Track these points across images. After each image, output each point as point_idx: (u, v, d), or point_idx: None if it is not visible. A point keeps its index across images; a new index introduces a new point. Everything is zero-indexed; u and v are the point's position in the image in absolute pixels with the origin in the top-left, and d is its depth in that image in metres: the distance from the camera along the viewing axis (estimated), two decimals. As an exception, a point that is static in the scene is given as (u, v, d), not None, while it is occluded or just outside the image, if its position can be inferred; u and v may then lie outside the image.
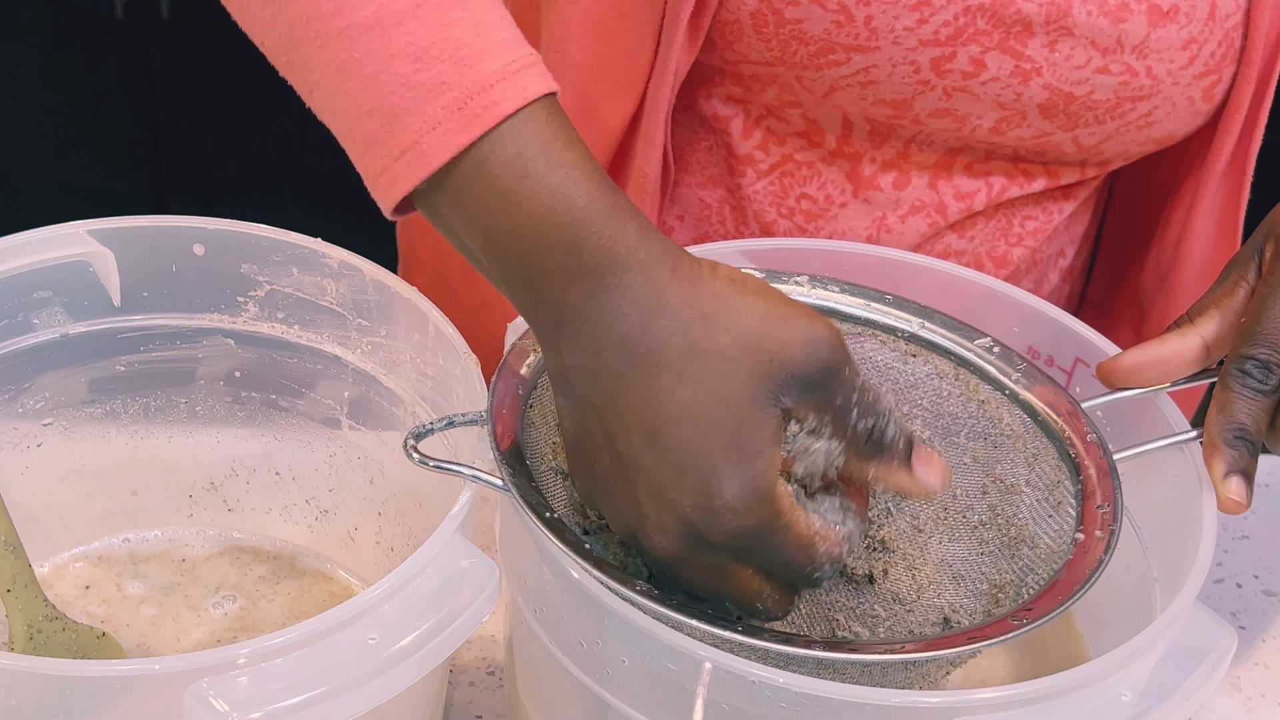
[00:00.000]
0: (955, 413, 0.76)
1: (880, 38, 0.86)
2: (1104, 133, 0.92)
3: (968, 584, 0.73)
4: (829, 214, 0.96)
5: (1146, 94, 0.90)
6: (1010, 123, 0.90)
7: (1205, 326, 0.74)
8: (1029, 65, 0.87)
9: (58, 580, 0.83)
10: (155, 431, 0.85)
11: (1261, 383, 0.70)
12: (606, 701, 0.65)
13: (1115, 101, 0.90)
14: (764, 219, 0.96)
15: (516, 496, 0.64)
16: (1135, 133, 0.92)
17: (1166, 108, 0.91)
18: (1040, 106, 0.89)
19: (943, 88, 0.88)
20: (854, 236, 0.96)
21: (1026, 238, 0.98)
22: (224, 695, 0.58)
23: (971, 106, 0.89)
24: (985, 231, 0.97)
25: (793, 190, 0.95)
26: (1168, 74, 0.89)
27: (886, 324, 0.77)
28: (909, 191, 0.95)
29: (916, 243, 0.96)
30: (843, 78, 0.88)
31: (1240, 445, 0.70)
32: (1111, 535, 0.67)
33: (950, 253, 0.97)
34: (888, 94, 0.89)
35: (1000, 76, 0.88)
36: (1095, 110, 0.90)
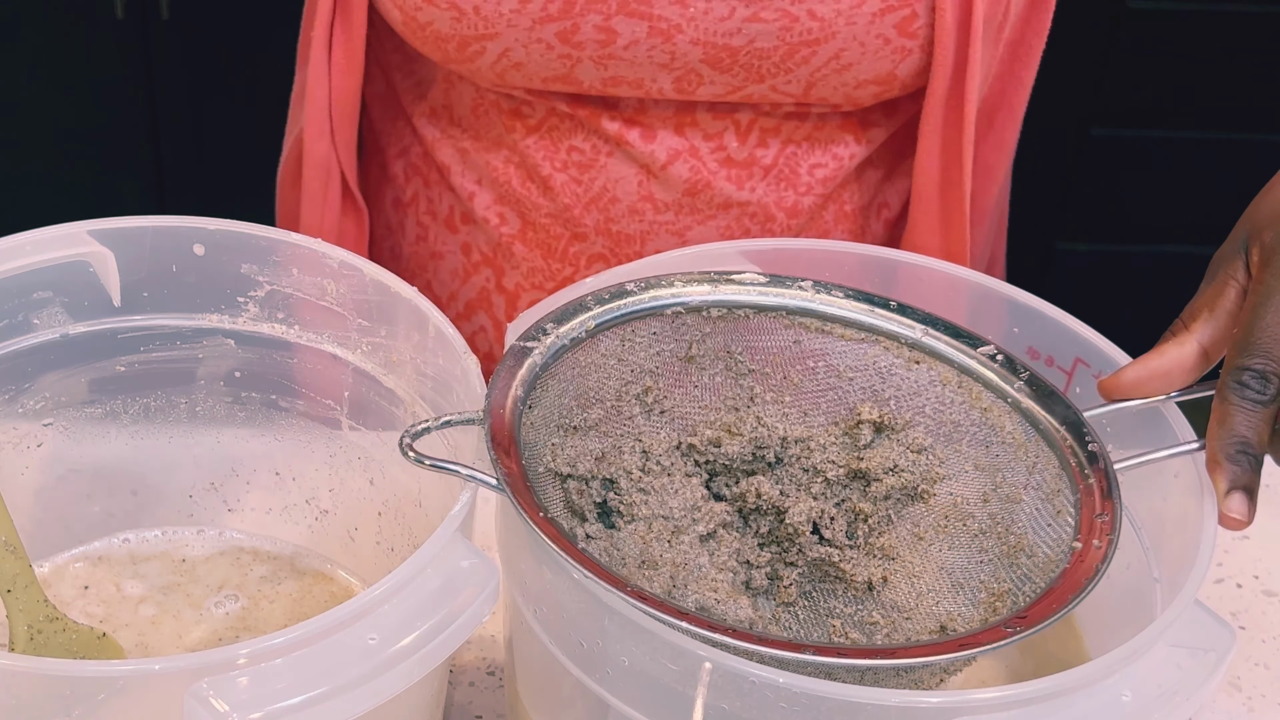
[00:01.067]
0: (957, 420, 0.76)
1: (494, 24, 0.90)
2: (800, 79, 0.92)
3: (966, 592, 0.73)
4: (598, 164, 0.99)
5: (819, 36, 0.90)
6: (689, 81, 0.92)
7: (1200, 331, 0.74)
8: (665, 25, 0.89)
9: (57, 580, 0.83)
10: (155, 431, 0.85)
11: (1260, 393, 0.70)
12: (606, 701, 0.65)
13: (787, 48, 0.90)
14: (540, 173, 1.00)
15: (511, 496, 0.64)
16: (836, 76, 0.92)
17: (855, 48, 0.91)
18: (705, 62, 0.90)
19: (589, 58, 0.91)
20: (626, 185, 0.99)
21: (816, 185, 0.99)
22: (224, 695, 0.58)
23: (636, 71, 0.91)
24: (767, 183, 0.98)
25: (562, 142, 0.99)
26: (837, 14, 0.89)
27: (890, 330, 0.77)
28: (659, 143, 0.97)
29: (685, 190, 0.98)
30: (494, 65, 0.92)
31: (1243, 460, 0.70)
32: (1109, 545, 0.67)
33: (733, 204, 0.98)
34: (544, 71, 0.92)
35: (639, 39, 0.89)
36: (770, 59, 0.90)
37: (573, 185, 0.99)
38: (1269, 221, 0.73)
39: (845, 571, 0.73)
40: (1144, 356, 0.75)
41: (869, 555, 0.75)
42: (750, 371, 0.77)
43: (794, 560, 0.74)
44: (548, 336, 0.71)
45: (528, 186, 1.01)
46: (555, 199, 1.01)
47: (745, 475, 0.76)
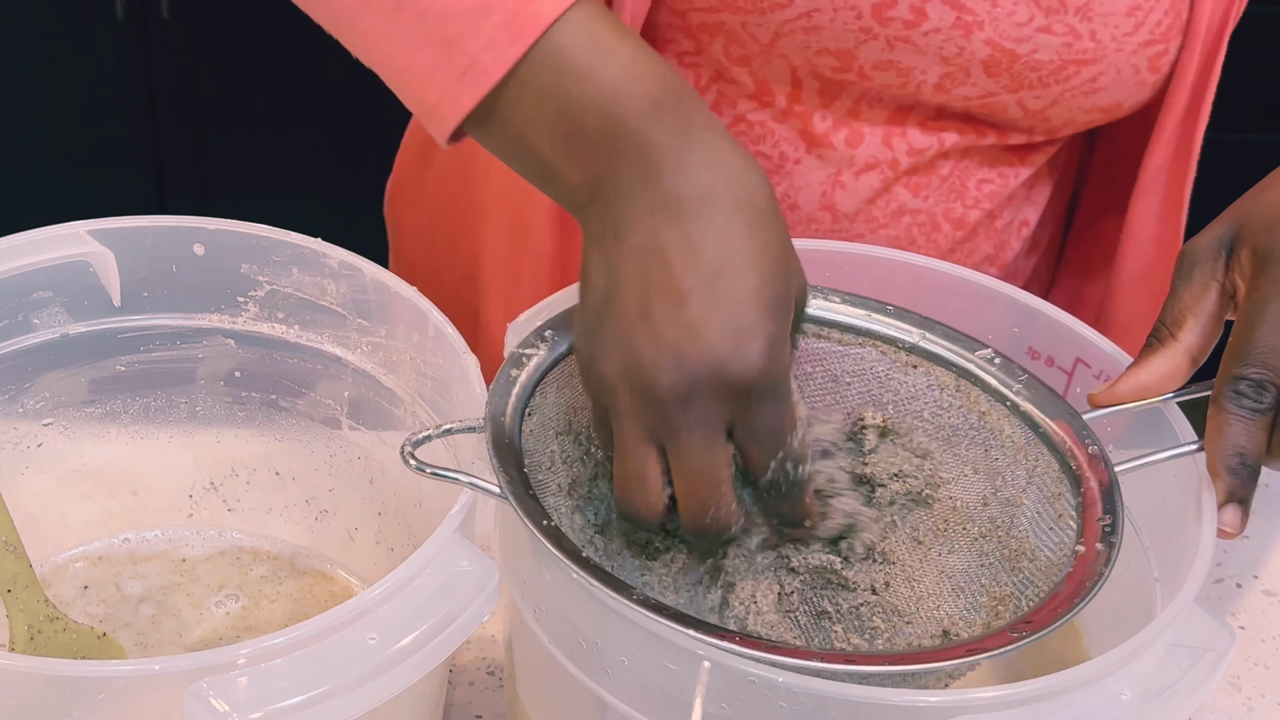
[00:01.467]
0: (956, 424, 0.76)
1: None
2: (1049, 96, 0.91)
3: (967, 596, 0.73)
4: (784, 170, 0.96)
5: (1090, 58, 0.90)
6: (954, 79, 0.90)
7: (1185, 338, 0.74)
8: (970, 18, 0.88)
9: (57, 580, 0.83)
10: (155, 431, 0.85)
11: (1256, 402, 0.70)
12: (606, 701, 0.65)
13: (1059, 64, 0.89)
14: None
15: (514, 505, 0.64)
16: (1080, 99, 0.92)
17: (1111, 74, 0.91)
18: (983, 63, 0.89)
19: (885, 37, 0.89)
20: (810, 192, 0.97)
21: (983, 200, 0.98)
22: (224, 695, 0.58)
23: (915, 59, 0.89)
24: (940, 192, 0.97)
25: (749, 148, 0.96)
26: (1111, 39, 0.89)
27: (887, 335, 0.76)
28: (863, 149, 0.96)
29: (870, 197, 0.97)
30: (786, 23, 0.89)
31: (1241, 471, 0.70)
32: (1112, 549, 0.67)
33: (905, 211, 0.98)
34: (831, 42, 0.89)
35: (942, 28, 0.88)
36: (1039, 71, 0.90)
37: None
38: (1263, 225, 0.73)
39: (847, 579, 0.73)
40: (1133, 368, 0.75)
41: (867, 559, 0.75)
42: None
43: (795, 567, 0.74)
44: (546, 342, 0.71)
45: None
46: None
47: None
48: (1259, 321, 0.70)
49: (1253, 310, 0.71)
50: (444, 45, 0.67)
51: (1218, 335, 0.74)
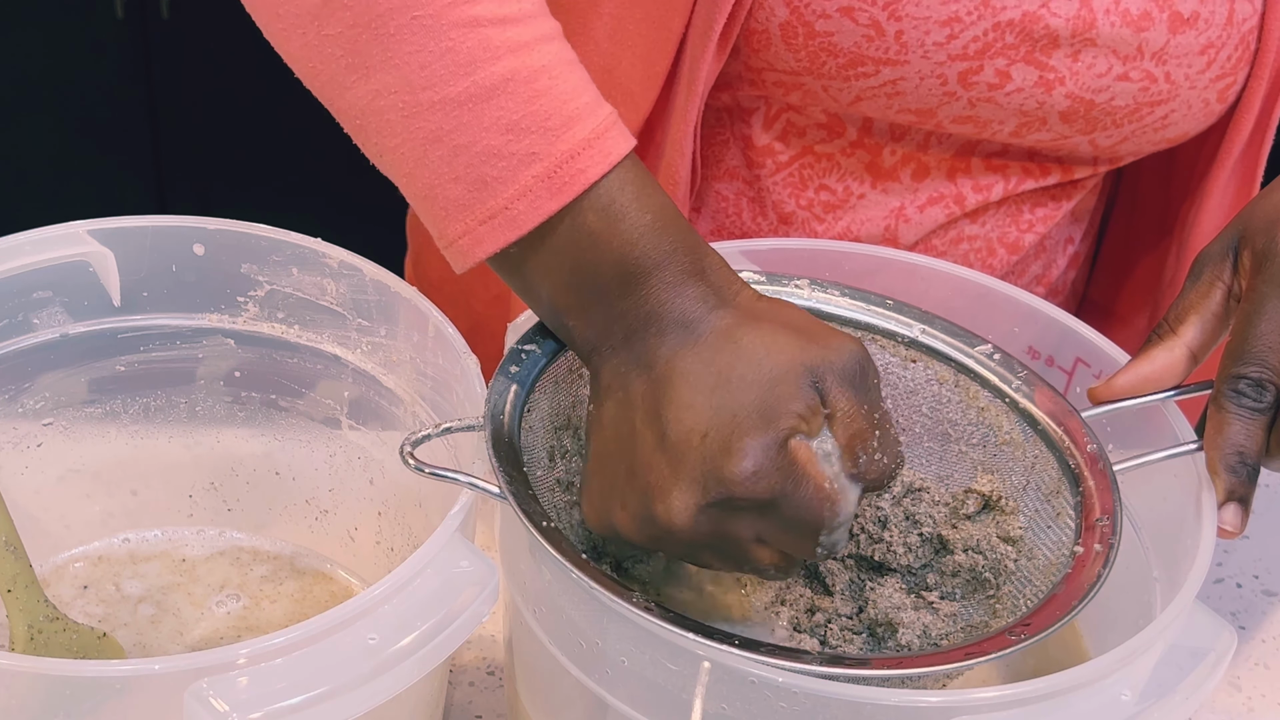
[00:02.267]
0: (955, 419, 0.76)
1: (910, 52, 0.86)
2: (1121, 135, 0.92)
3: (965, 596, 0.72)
4: (847, 204, 0.96)
5: (1164, 98, 0.90)
6: (1030, 128, 0.91)
7: (1187, 334, 0.74)
8: (1053, 75, 0.87)
9: (57, 580, 0.83)
10: (155, 431, 0.85)
11: (1256, 401, 0.70)
12: (606, 701, 0.65)
13: (1134, 107, 0.90)
14: (782, 210, 0.96)
15: (514, 505, 0.64)
16: (1151, 134, 0.92)
17: (1183, 110, 0.91)
18: (1061, 113, 0.89)
19: (968, 98, 0.88)
20: (872, 227, 0.96)
21: (1037, 224, 0.99)
22: (224, 695, 0.58)
23: (994, 114, 0.89)
24: (997, 218, 0.97)
25: (812, 181, 0.96)
26: (1185, 78, 0.89)
27: (887, 329, 0.76)
28: (927, 183, 0.95)
29: (932, 230, 0.96)
30: (869, 88, 0.88)
31: (1241, 470, 0.70)
32: (1110, 550, 0.67)
33: (963, 238, 0.98)
34: (913, 104, 0.89)
35: (1024, 88, 0.88)
36: (1114, 115, 0.90)
37: (814, 223, 0.97)
38: (1263, 226, 0.73)
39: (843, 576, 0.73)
40: (1133, 362, 0.75)
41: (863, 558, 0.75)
42: None
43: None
44: (546, 340, 0.71)
45: (758, 222, 0.98)
46: (790, 236, 0.97)
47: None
48: (1257, 320, 0.70)
49: (1251, 309, 0.71)
50: (477, 185, 0.67)
51: (1220, 335, 0.74)
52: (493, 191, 0.66)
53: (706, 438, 0.62)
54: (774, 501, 0.62)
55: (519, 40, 0.66)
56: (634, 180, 0.67)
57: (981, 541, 0.72)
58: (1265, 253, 0.72)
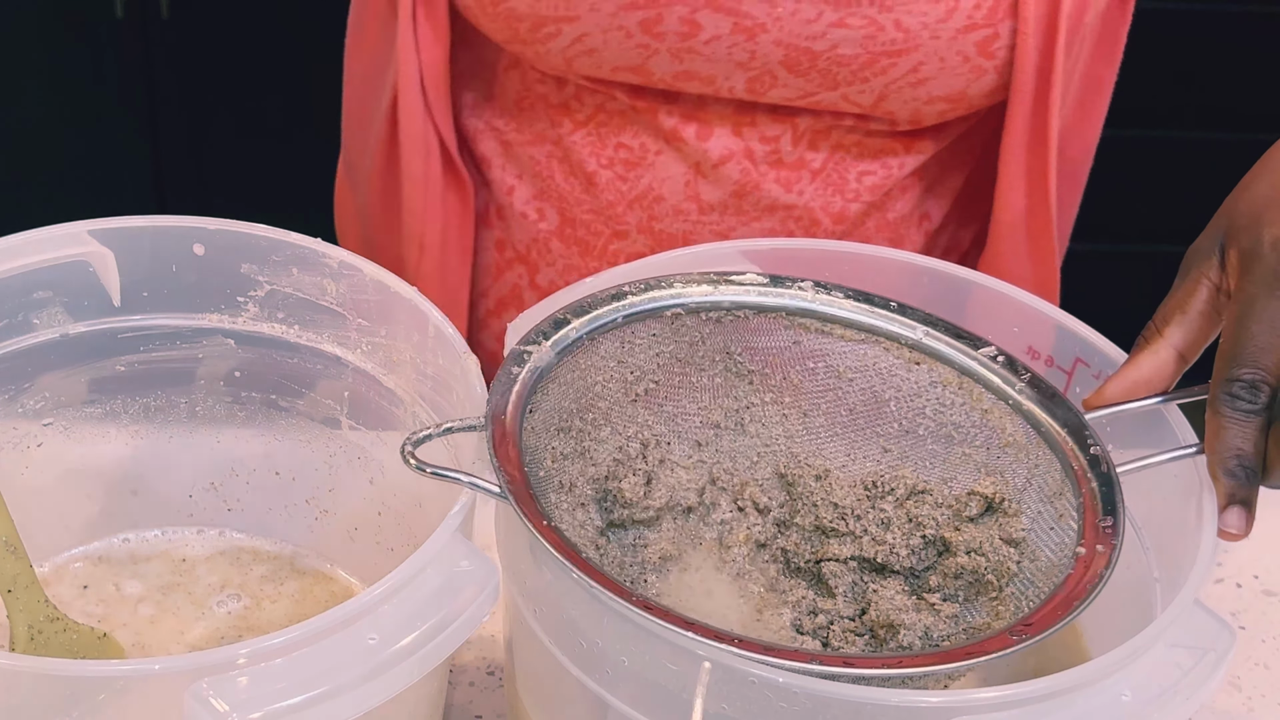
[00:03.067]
0: (958, 422, 0.76)
1: (576, 6, 0.88)
2: (873, 90, 0.91)
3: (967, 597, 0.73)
4: (646, 162, 0.97)
5: (902, 48, 0.89)
6: (762, 82, 0.90)
7: (1173, 336, 0.74)
8: (750, 22, 0.87)
9: (57, 580, 0.83)
10: (155, 431, 0.85)
11: (1251, 403, 0.70)
12: (606, 701, 0.65)
13: (868, 57, 0.89)
14: (585, 169, 0.98)
15: (514, 505, 0.64)
16: (910, 90, 0.91)
17: (934, 63, 0.90)
18: (783, 64, 0.89)
19: (666, 50, 0.89)
20: (673, 184, 0.98)
21: (864, 192, 0.98)
22: (224, 695, 0.58)
23: (711, 67, 0.90)
24: (815, 186, 0.97)
25: (609, 139, 0.97)
26: (923, 27, 0.88)
27: (890, 331, 0.76)
28: (714, 141, 0.96)
29: (734, 190, 0.97)
30: (566, 49, 0.90)
31: (1240, 473, 0.69)
32: (1113, 551, 0.67)
33: (778, 206, 0.98)
34: (617, 59, 0.90)
35: (721, 35, 0.88)
36: (849, 66, 0.89)
37: (617, 182, 0.98)
38: (1247, 223, 0.72)
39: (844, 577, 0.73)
40: (1122, 368, 0.75)
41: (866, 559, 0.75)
42: (750, 372, 0.77)
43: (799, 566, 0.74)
44: (547, 340, 0.71)
45: (570, 182, 1.00)
46: (598, 195, 1.00)
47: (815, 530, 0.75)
48: (1248, 322, 0.70)
49: (1241, 311, 0.71)
50: None
51: (1209, 333, 0.74)
52: None
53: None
54: None
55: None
56: None
57: (984, 544, 0.72)
58: (1252, 252, 0.71)
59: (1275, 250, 0.70)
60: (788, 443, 0.77)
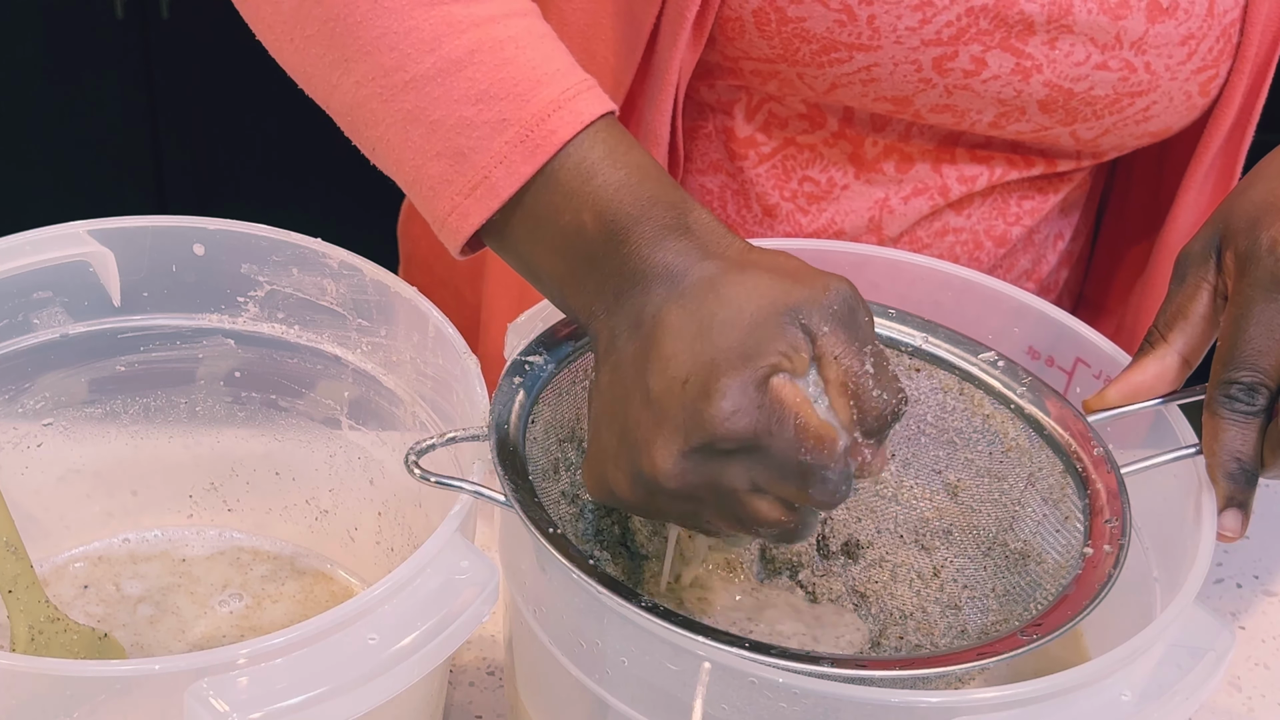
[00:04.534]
0: (960, 427, 0.76)
1: (883, 37, 0.86)
2: (1102, 127, 0.92)
3: (975, 600, 0.73)
4: (831, 195, 0.96)
5: (1145, 89, 0.90)
6: (1009, 118, 0.91)
7: (1176, 340, 0.74)
8: (1029, 63, 0.87)
9: (57, 580, 0.83)
10: (155, 431, 0.85)
11: (1250, 405, 0.70)
12: (606, 701, 0.65)
13: (1114, 97, 0.90)
14: (766, 202, 0.96)
15: (520, 512, 0.64)
16: (1133, 127, 0.92)
17: (1164, 102, 0.91)
18: (1040, 102, 0.89)
19: (944, 86, 0.88)
20: (856, 218, 0.96)
21: (1024, 217, 0.98)
22: (224, 695, 0.58)
23: (972, 102, 0.89)
24: (983, 210, 0.97)
25: (795, 173, 0.95)
26: (1166, 69, 0.89)
27: (890, 338, 0.76)
28: (912, 174, 0.95)
29: (917, 221, 0.96)
30: (844, 75, 0.88)
31: (1239, 476, 0.70)
32: (1120, 550, 0.67)
33: (949, 230, 0.97)
34: (889, 91, 0.89)
35: (1001, 74, 0.88)
36: (1094, 105, 0.90)
37: (799, 215, 0.96)
38: (1244, 226, 0.72)
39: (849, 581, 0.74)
40: (1126, 372, 0.75)
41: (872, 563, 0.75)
42: None
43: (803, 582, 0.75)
44: (548, 350, 0.71)
45: (743, 215, 0.98)
46: (775, 228, 0.98)
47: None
48: (1244, 325, 0.70)
49: (1238, 314, 0.71)
50: (456, 158, 0.67)
51: (1211, 336, 0.74)
52: (471, 163, 0.67)
53: (687, 384, 0.61)
54: (758, 442, 0.61)
55: (484, 15, 0.67)
56: (609, 139, 0.66)
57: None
58: (1248, 255, 0.71)
59: (1272, 254, 0.70)
60: None
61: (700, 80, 0.94)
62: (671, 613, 0.61)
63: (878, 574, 0.75)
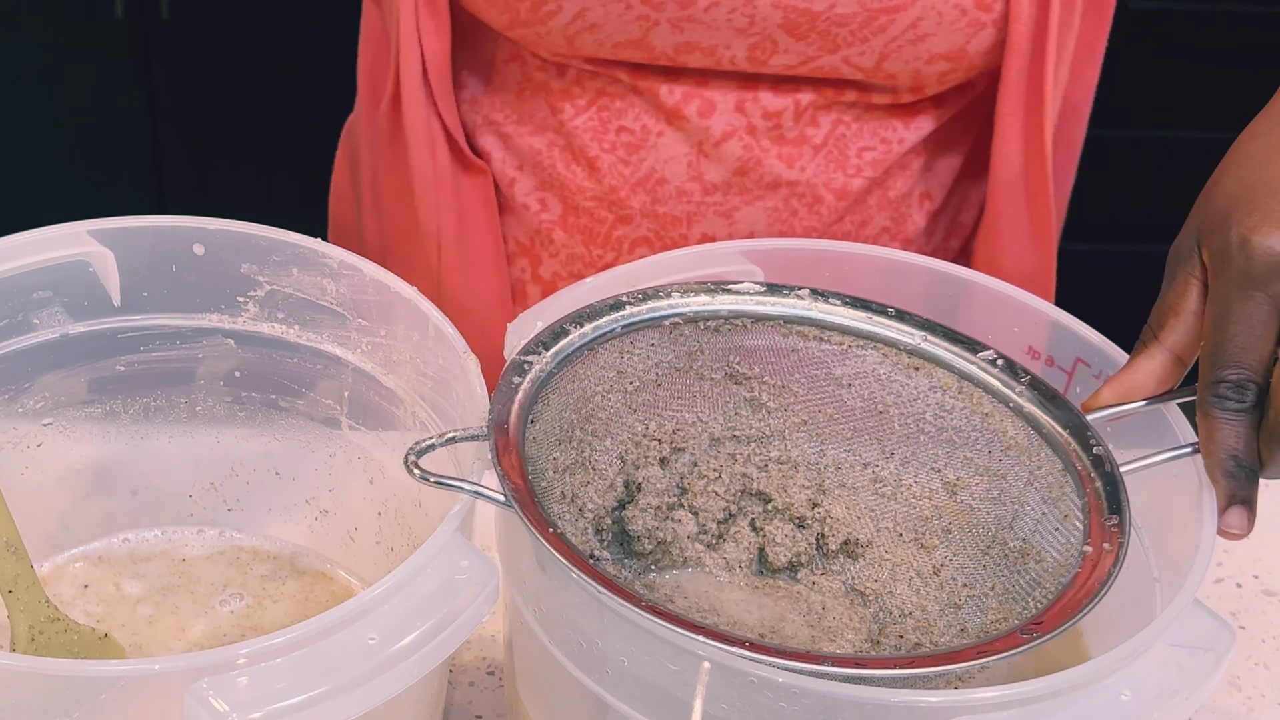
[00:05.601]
0: (959, 426, 0.76)
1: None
2: (874, 51, 0.90)
3: (974, 599, 0.73)
4: (648, 144, 0.97)
5: (900, 3, 0.88)
6: (764, 49, 0.90)
7: (1168, 339, 0.74)
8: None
9: (57, 580, 0.83)
10: (155, 431, 0.85)
11: (1239, 402, 0.70)
12: (606, 701, 0.65)
13: (866, 15, 0.88)
14: (588, 154, 0.98)
15: (520, 513, 0.64)
16: (910, 48, 0.90)
17: (933, 18, 0.89)
18: (783, 27, 0.88)
19: (666, 20, 0.88)
20: (676, 165, 0.97)
21: (865, 168, 0.98)
22: (224, 695, 0.58)
23: (712, 36, 0.89)
24: (816, 163, 0.97)
25: (611, 124, 0.97)
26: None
27: (888, 337, 0.76)
28: (716, 118, 0.95)
29: (736, 168, 0.96)
30: (567, 27, 0.89)
31: (1238, 474, 0.70)
32: (1120, 549, 0.67)
33: (781, 183, 0.97)
34: (618, 34, 0.89)
35: (721, 0, 0.87)
36: (848, 26, 0.89)
37: (620, 166, 0.98)
38: (1217, 222, 0.72)
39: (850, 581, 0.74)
40: (1119, 373, 0.75)
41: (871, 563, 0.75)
42: (749, 380, 0.77)
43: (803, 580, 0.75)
44: (547, 350, 0.71)
45: (572, 169, 0.99)
46: (601, 181, 0.99)
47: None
48: (1225, 324, 0.70)
49: (1218, 313, 0.71)
50: None
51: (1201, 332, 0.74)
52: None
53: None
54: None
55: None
56: None
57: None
58: (1222, 254, 0.71)
59: (1243, 251, 0.70)
60: (788, 451, 0.77)
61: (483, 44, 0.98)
62: (670, 611, 0.61)
63: (877, 573, 0.75)
